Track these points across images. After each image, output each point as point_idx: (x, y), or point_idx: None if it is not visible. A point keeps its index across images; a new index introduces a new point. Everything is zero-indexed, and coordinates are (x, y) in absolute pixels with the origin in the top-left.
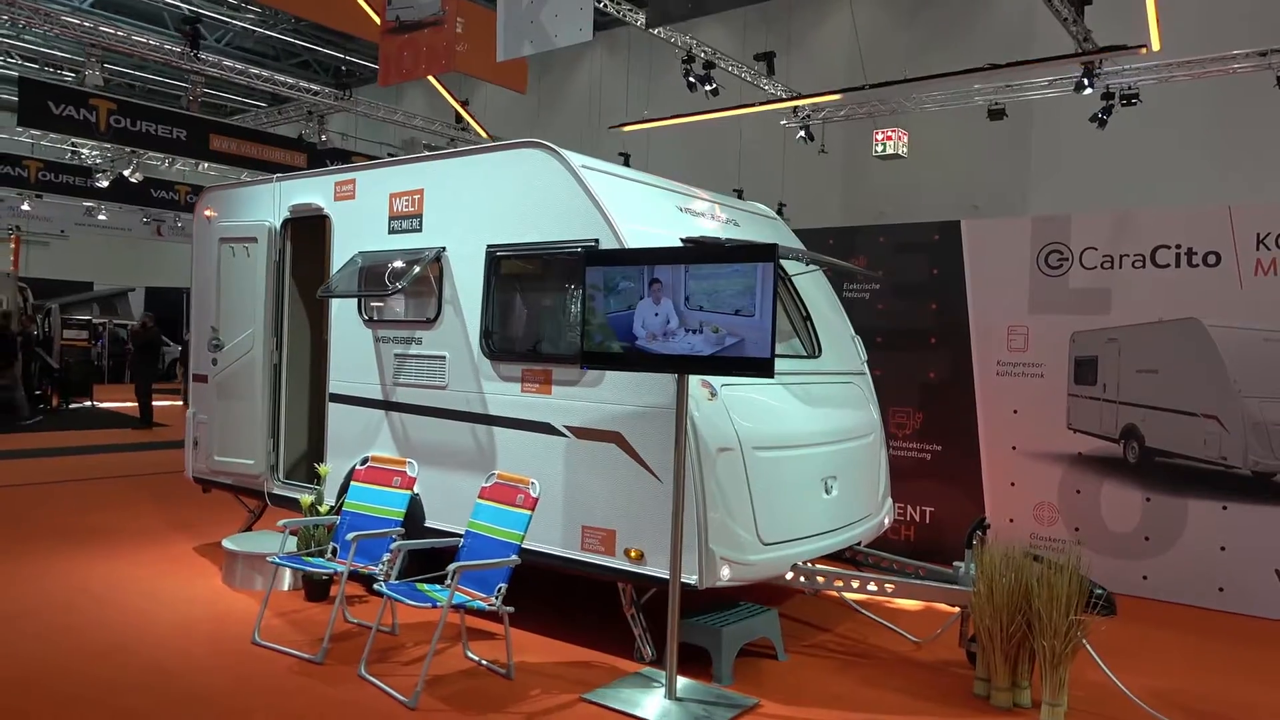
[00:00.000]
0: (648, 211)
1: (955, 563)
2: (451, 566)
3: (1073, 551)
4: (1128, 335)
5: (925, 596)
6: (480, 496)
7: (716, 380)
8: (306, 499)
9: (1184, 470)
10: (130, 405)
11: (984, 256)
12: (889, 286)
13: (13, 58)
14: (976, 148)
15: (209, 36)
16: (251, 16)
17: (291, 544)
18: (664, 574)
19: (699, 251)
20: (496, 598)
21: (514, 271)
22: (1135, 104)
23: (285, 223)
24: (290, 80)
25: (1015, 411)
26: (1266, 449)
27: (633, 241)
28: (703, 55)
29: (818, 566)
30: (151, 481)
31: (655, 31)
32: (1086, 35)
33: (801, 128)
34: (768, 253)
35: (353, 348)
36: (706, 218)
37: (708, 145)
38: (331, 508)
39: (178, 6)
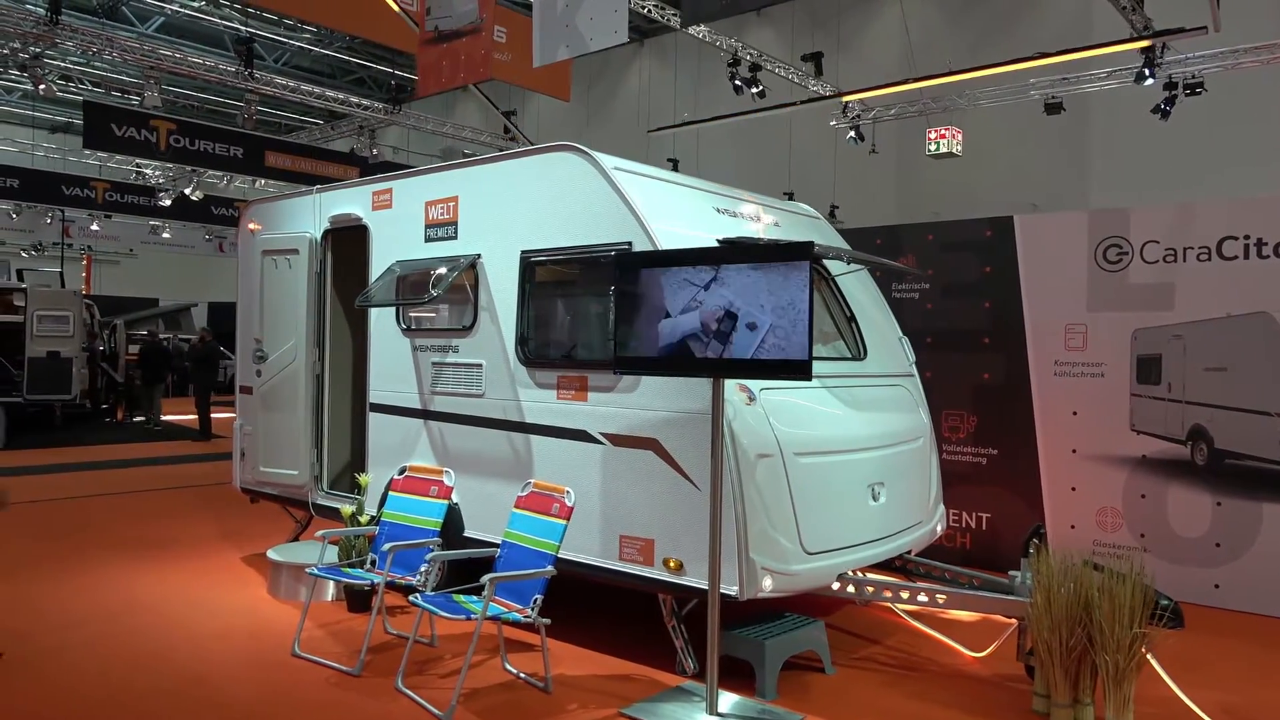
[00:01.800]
0: (683, 213)
1: (1011, 572)
2: (486, 578)
3: (1135, 559)
4: (1194, 332)
5: (979, 608)
6: (516, 506)
7: (755, 384)
8: (347, 509)
9: (1257, 473)
10: (191, 418)
11: (1039, 253)
12: (939, 286)
13: (83, 84)
14: (1033, 145)
15: (268, 57)
16: (308, 36)
17: (332, 554)
18: (704, 584)
19: (733, 252)
20: (532, 609)
21: (548, 277)
22: (1200, 93)
23: (325, 234)
24: (340, 95)
25: (1075, 413)
26: None
27: (667, 243)
28: (748, 58)
29: (866, 576)
30: (205, 492)
31: (702, 36)
32: (1146, 24)
33: (851, 128)
34: (803, 252)
35: (391, 357)
36: (745, 219)
37: (758, 149)
38: (372, 518)
39: (236, 29)
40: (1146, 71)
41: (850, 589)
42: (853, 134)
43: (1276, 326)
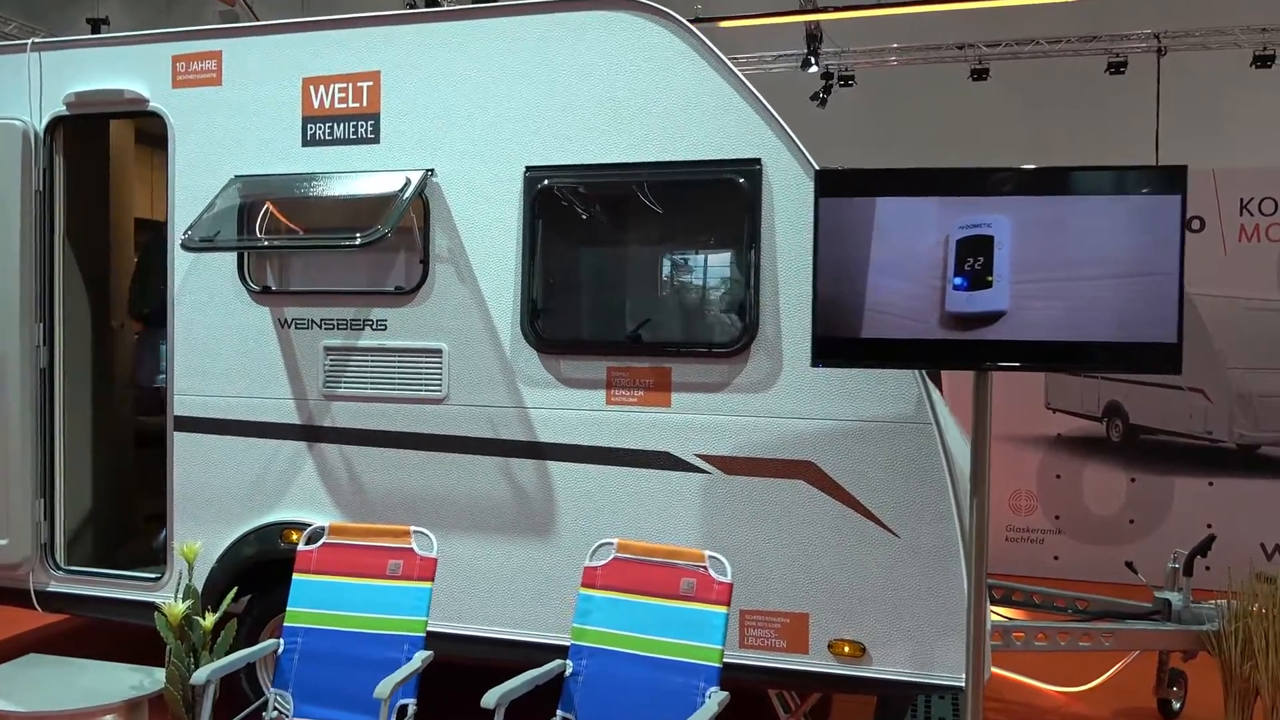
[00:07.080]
0: None
1: (1158, 593)
2: None
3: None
4: None
5: (1157, 644)
6: (592, 584)
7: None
8: (176, 609)
9: (1169, 447)
10: None
11: None
12: None
13: None
14: None
15: None
16: None
17: (158, 682)
18: (907, 675)
19: (1056, 176)
20: None
21: (583, 210)
22: (852, 84)
23: (55, 123)
24: None
25: None
26: (1251, 420)
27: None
28: None
29: (1015, 621)
30: None
31: None
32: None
33: None
34: (1174, 179)
35: (227, 337)
36: None
37: None
38: (217, 621)
39: None
40: (812, 60)
41: (995, 639)
42: None
43: (1190, 300)
